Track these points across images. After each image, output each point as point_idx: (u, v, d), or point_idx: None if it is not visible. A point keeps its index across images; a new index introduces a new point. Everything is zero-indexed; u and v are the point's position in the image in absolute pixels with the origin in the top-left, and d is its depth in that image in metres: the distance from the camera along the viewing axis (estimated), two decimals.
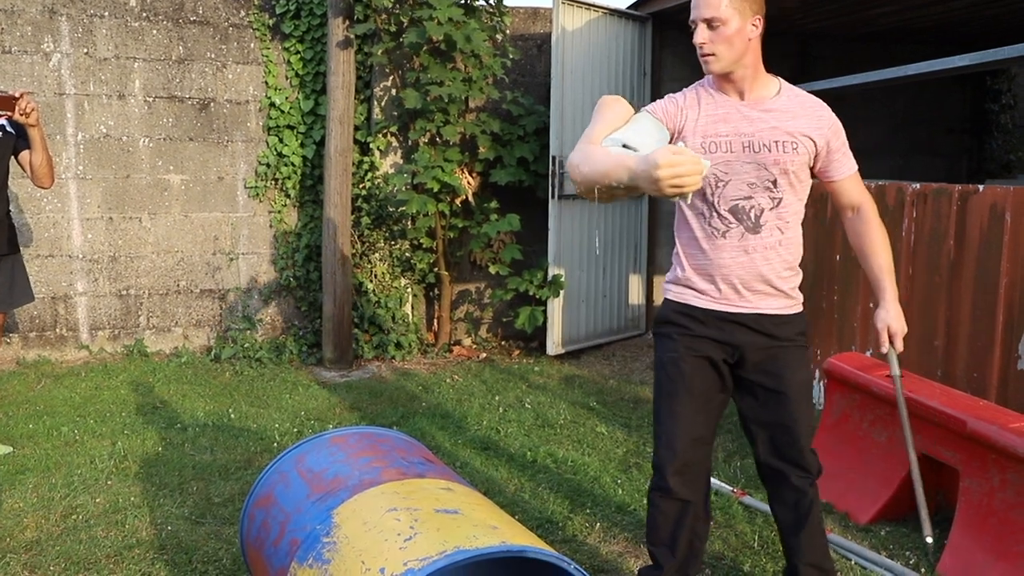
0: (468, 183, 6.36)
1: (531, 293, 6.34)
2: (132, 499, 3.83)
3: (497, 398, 5.49)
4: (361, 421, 5.04)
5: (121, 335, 6.39)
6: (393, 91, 6.44)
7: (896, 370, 2.79)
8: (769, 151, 2.46)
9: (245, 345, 6.28)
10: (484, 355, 6.57)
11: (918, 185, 4.22)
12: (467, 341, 6.88)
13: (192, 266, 6.47)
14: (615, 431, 4.88)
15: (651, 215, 7.14)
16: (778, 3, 6.24)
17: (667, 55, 7.07)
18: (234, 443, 4.59)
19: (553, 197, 6.25)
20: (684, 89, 2.60)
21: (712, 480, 3.86)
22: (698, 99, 2.53)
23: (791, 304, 2.61)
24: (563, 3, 6.16)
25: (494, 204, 6.39)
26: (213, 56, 6.34)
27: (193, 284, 6.48)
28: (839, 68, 6.12)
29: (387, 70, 6.37)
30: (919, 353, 4.27)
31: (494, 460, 4.43)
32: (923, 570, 3.28)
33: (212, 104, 6.38)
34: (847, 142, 2.59)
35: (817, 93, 2.70)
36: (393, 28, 6.10)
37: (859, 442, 3.88)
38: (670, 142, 2.49)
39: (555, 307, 6.43)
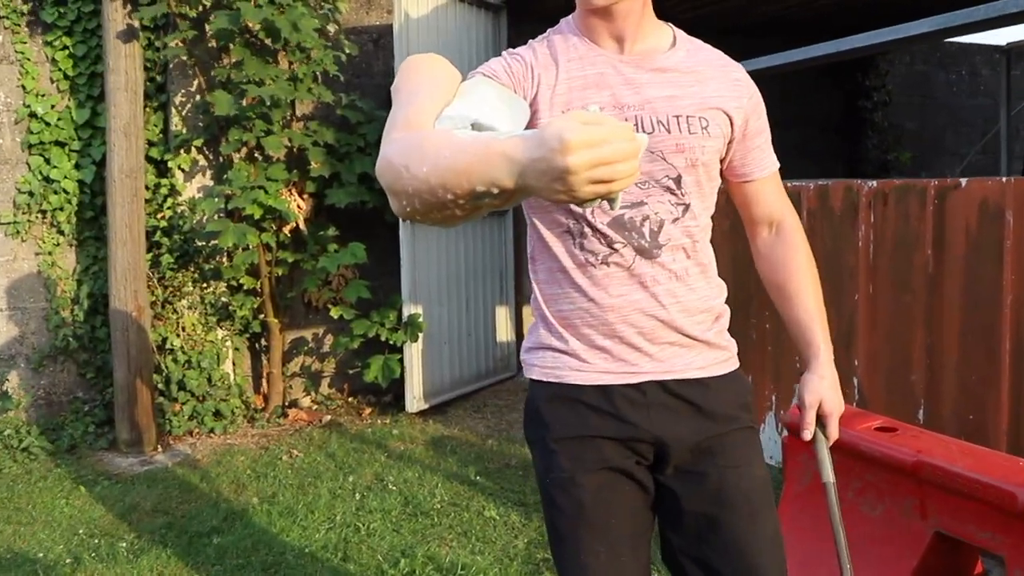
0: (298, 207, 5.14)
1: (383, 338, 5.18)
2: None
3: (351, 478, 4.28)
4: (168, 531, 3.71)
5: None
6: (197, 95, 5.12)
7: (829, 474, 1.82)
8: (668, 132, 1.58)
9: (5, 432, 4.74)
10: (328, 418, 5.32)
11: (874, 183, 3.39)
12: (306, 402, 5.60)
13: None
14: (509, 513, 3.80)
15: (517, 234, 6.14)
16: None
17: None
18: None
19: (405, 220, 5.11)
20: (531, 41, 1.65)
21: None
22: (554, 55, 1.61)
23: (722, 358, 1.68)
24: None
25: (332, 232, 5.19)
26: None
27: None
28: None
29: (188, 68, 5.06)
30: (888, 392, 3.43)
31: (355, 574, 3.24)
32: None
33: None
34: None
35: None
36: (193, 13, 4.80)
37: (842, 519, 2.95)
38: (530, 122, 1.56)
39: (413, 353, 5.28)
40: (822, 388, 1.73)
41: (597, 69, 1.58)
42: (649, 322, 1.60)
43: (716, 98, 1.62)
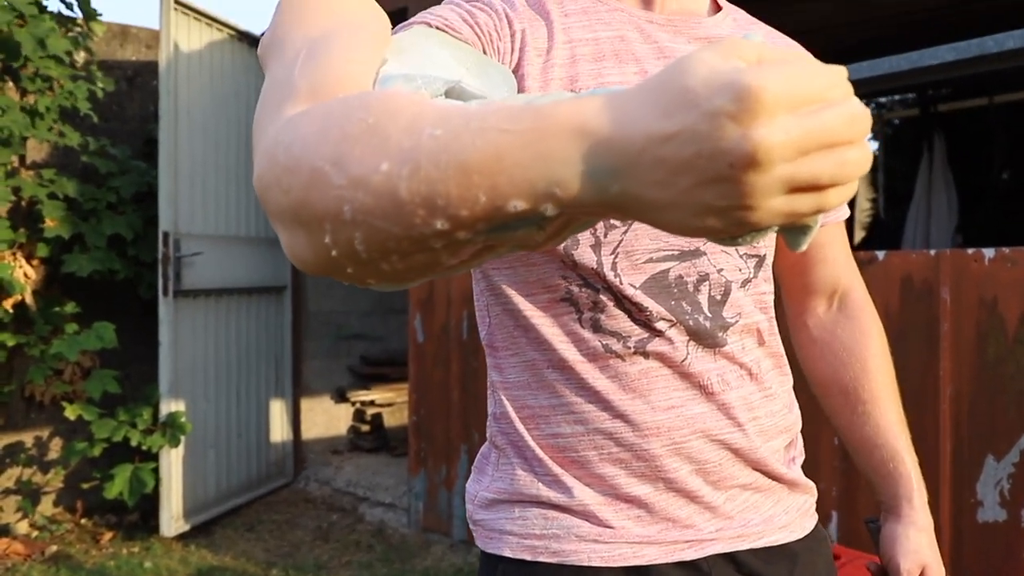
0: (26, 275, 4.00)
1: (135, 443, 4.11)
2: None
3: None
4: None
5: None
6: None
7: None
8: None
9: None
10: (54, 548, 4.10)
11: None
12: (22, 527, 4.31)
13: None
14: None
15: (296, 315, 5.29)
16: None
17: None
18: None
19: (166, 295, 4.14)
20: None
21: None
22: (542, 5, 0.97)
23: (805, 505, 1.12)
24: (176, 9, 4.21)
25: (71, 308, 4.10)
26: None
27: None
28: None
29: None
30: None
31: None
32: None
33: None
34: None
35: None
36: None
37: None
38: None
39: (172, 461, 4.24)
40: (922, 547, 1.16)
41: (614, 30, 0.96)
42: (716, 452, 0.97)
43: None
